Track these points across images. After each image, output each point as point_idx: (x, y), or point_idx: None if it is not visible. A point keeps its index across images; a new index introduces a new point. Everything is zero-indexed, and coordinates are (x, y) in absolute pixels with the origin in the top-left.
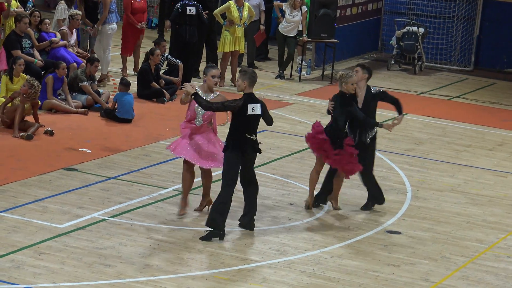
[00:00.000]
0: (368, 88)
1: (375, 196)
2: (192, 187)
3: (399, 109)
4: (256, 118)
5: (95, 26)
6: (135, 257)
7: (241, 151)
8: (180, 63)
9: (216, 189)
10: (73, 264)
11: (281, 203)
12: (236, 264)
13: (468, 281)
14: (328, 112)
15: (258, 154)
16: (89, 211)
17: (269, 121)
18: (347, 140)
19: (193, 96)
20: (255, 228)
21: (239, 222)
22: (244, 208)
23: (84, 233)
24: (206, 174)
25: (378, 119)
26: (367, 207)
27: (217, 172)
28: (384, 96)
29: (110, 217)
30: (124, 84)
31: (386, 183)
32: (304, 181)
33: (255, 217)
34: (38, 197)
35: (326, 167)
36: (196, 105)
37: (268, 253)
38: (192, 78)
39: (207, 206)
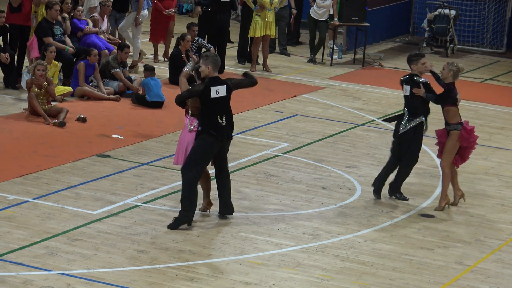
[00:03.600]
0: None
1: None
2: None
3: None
4: (222, 100)
5: (133, 14)
6: (168, 242)
7: (218, 135)
8: (212, 48)
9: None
10: (106, 250)
11: (314, 187)
12: (270, 248)
13: (503, 264)
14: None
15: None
16: (122, 197)
17: (252, 82)
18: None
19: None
20: (286, 213)
21: (218, 215)
22: (220, 197)
23: (117, 219)
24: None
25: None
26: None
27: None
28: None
29: (143, 203)
30: (148, 69)
31: (420, 166)
32: (337, 165)
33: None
34: (71, 183)
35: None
36: None
37: (301, 237)
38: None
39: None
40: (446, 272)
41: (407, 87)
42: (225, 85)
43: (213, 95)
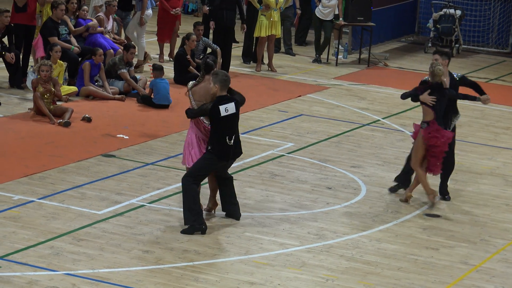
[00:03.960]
0: (451, 74)
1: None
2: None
3: (480, 91)
4: (232, 118)
5: (138, 14)
6: (173, 242)
7: (224, 157)
8: (218, 49)
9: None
10: (112, 250)
11: (319, 187)
12: (275, 248)
13: (508, 263)
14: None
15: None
16: (127, 197)
17: (242, 101)
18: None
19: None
20: (291, 213)
21: (225, 213)
22: (224, 201)
23: (122, 219)
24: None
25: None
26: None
27: None
28: (465, 81)
29: (148, 203)
30: (157, 69)
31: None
32: (342, 165)
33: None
34: (77, 183)
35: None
36: None
37: (306, 237)
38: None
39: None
40: (451, 272)
41: None
42: (233, 102)
43: (223, 113)
